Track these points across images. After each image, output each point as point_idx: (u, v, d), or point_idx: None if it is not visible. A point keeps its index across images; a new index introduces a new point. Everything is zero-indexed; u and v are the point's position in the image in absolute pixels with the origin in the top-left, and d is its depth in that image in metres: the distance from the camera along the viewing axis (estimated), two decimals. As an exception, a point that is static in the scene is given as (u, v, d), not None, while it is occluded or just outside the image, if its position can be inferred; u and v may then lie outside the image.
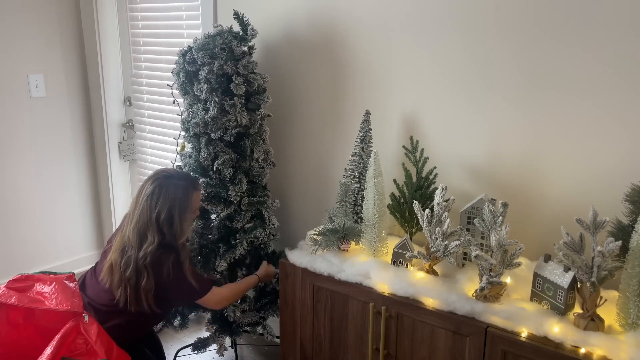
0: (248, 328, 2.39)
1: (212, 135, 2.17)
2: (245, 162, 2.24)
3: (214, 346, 2.37)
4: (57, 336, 1.71)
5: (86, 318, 1.78)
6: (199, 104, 2.19)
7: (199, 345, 2.36)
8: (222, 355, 2.42)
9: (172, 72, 2.28)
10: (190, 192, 1.98)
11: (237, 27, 2.25)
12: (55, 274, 1.97)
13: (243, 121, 2.16)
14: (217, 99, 2.13)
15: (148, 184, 1.94)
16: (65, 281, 1.92)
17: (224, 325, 2.33)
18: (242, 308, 2.28)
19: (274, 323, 2.47)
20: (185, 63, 2.18)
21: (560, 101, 1.77)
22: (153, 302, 1.90)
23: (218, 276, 2.28)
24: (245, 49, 2.22)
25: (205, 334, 2.41)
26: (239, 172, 2.22)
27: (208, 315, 2.38)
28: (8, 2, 2.95)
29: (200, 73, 2.13)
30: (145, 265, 1.87)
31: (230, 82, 2.12)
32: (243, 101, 2.17)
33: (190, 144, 2.28)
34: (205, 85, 2.12)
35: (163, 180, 1.94)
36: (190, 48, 2.17)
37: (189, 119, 2.24)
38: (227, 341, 2.45)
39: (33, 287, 1.90)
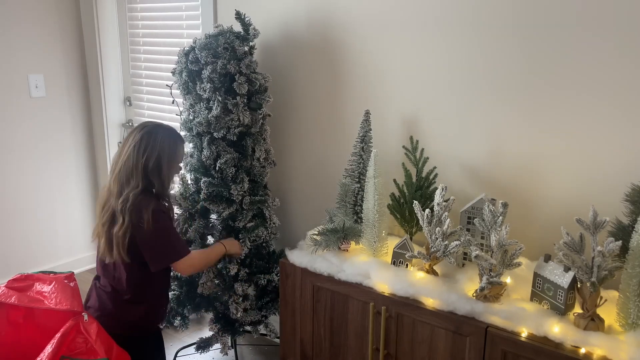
0: (250, 327, 2.39)
1: (215, 134, 2.17)
2: (247, 162, 2.24)
3: (214, 346, 2.38)
4: (57, 335, 1.71)
5: (86, 317, 1.78)
6: (201, 104, 2.20)
7: (202, 345, 2.36)
8: (226, 354, 2.42)
9: (172, 72, 2.28)
10: (179, 143, 1.97)
11: (237, 27, 2.25)
12: (55, 273, 1.97)
13: (245, 120, 2.17)
14: (220, 98, 2.14)
15: (135, 132, 1.90)
16: (65, 281, 1.92)
17: (226, 325, 2.34)
18: (244, 306, 2.29)
19: (275, 322, 2.47)
20: (188, 62, 2.18)
21: (561, 101, 1.77)
22: (125, 250, 1.83)
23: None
24: (247, 48, 2.22)
25: (204, 334, 2.42)
26: (240, 172, 2.22)
27: (210, 315, 2.38)
28: (8, 2, 2.95)
29: (203, 72, 2.14)
30: (122, 209, 1.81)
31: (233, 82, 2.13)
32: (245, 100, 2.18)
33: (191, 144, 2.28)
34: (209, 84, 2.13)
35: (152, 128, 1.91)
36: (192, 47, 2.17)
37: (191, 118, 2.24)
38: (229, 341, 2.45)
39: (33, 287, 1.89)
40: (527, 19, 1.78)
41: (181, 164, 2.04)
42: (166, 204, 1.95)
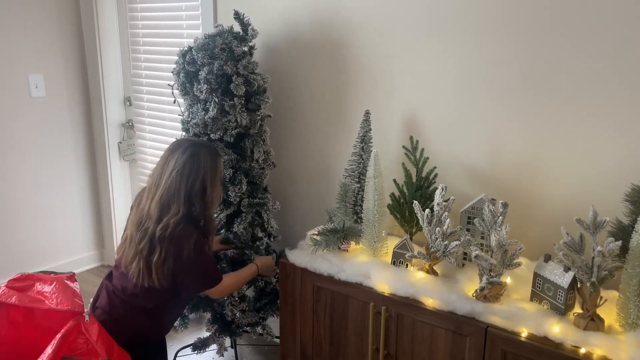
0: (248, 328, 2.39)
1: (212, 135, 2.16)
2: (245, 163, 2.23)
3: (214, 346, 2.38)
4: (58, 336, 1.71)
5: (87, 317, 1.78)
6: (198, 105, 2.19)
7: (199, 346, 2.36)
8: (222, 355, 2.42)
9: (172, 72, 2.27)
10: (219, 159, 1.90)
11: (237, 27, 2.24)
12: (55, 273, 1.97)
13: (243, 122, 2.16)
14: (217, 100, 2.12)
15: (177, 153, 1.81)
16: (66, 281, 1.92)
17: (224, 326, 2.33)
18: (241, 308, 2.28)
19: (273, 323, 2.47)
20: (185, 63, 2.17)
21: (561, 101, 1.77)
22: (163, 276, 1.78)
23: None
24: (246, 49, 2.21)
25: (205, 334, 2.41)
26: (239, 173, 2.21)
27: (208, 315, 2.38)
28: (8, 2, 2.95)
29: (200, 73, 2.13)
30: (162, 237, 1.75)
31: (230, 83, 2.12)
32: (243, 102, 2.17)
33: None
34: (205, 85, 2.12)
35: (194, 150, 1.82)
36: (190, 48, 2.16)
37: (189, 119, 2.24)
38: (227, 341, 2.45)
39: (33, 287, 1.89)
40: (527, 21, 1.78)
41: (222, 177, 1.97)
42: (203, 225, 1.87)
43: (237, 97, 2.14)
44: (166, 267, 1.78)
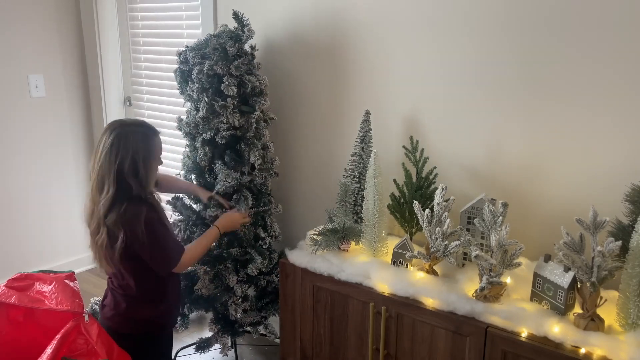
0: (250, 328, 2.39)
1: (203, 135, 2.16)
2: (244, 167, 2.20)
3: (215, 346, 2.38)
4: (58, 336, 1.71)
5: (86, 318, 1.78)
6: (192, 104, 2.19)
7: (202, 346, 2.36)
8: (226, 354, 2.42)
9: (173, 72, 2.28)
10: (151, 137, 1.86)
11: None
12: (55, 272, 1.96)
13: (236, 123, 2.13)
14: (207, 99, 2.11)
15: (105, 135, 1.81)
16: (65, 280, 1.92)
17: (226, 325, 2.34)
18: (243, 307, 2.28)
19: (275, 323, 2.47)
20: (179, 63, 2.18)
21: (560, 101, 1.77)
22: (111, 260, 1.80)
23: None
24: (247, 49, 2.20)
25: (205, 334, 2.41)
26: (243, 190, 2.19)
27: (210, 315, 2.38)
28: (8, 2, 2.95)
29: (192, 73, 2.13)
30: (99, 217, 1.77)
31: (222, 83, 2.10)
32: (236, 102, 2.14)
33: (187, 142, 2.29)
34: (197, 85, 2.11)
35: (120, 129, 1.81)
36: (186, 48, 2.17)
37: (181, 118, 2.26)
38: (229, 341, 2.45)
39: (33, 286, 1.89)
40: (527, 20, 1.78)
41: (160, 158, 1.93)
42: (150, 202, 1.85)
43: (230, 97, 2.11)
44: (120, 250, 1.78)
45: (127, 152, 1.78)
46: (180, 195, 2.31)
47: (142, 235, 1.77)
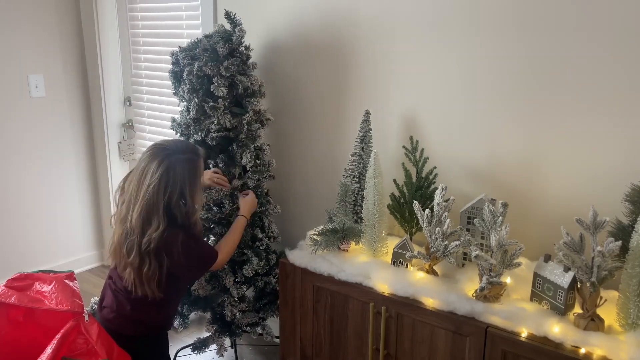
0: (247, 329, 2.39)
1: (195, 136, 2.15)
2: (235, 169, 2.20)
3: (214, 346, 2.37)
4: (58, 336, 1.70)
5: (86, 318, 1.78)
6: (183, 105, 2.20)
7: (199, 346, 2.35)
8: (222, 355, 2.42)
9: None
10: (197, 162, 1.85)
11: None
12: (54, 272, 1.96)
13: (227, 124, 2.13)
14: (197, 100, 2.11)
15: (152, 165, 1.76)
16: (65, 280, 1.91)
17: (223, 326, 2.33)
18: (240, 308, 2.28)
19: (273, 324, 2.47)
20: (172, 63, 2.19)
21: (560, 101, 1.77)
22: (156, 288, 1.80)
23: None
24: (242, 49, 2.19)
25: (205, 334, 2.41)
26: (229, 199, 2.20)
27: (208, 315, 2.38)
28: (8, 2, 2.95)
29: (183, 74, 2.13)
30: (148, 250, 1.76)
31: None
32: (227, 104, 2.13)
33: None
34: (187, 86, 2.11)
35: (167, 159, 1.77)
36: (178, 48, 2.17)
37: (174, 118, 2.27)
38: (227, 341, 2.45)
39: (33, 286, 1.89)
40: (526, 21, 1.78)
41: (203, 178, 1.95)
42: (190, 228, 1.86)
43: (221, 98, 2.10)
44: (158, 278, 1.80)
45: (176, 185, 1.76)
46: None
47: (177, 255, 1.79)
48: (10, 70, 3.01)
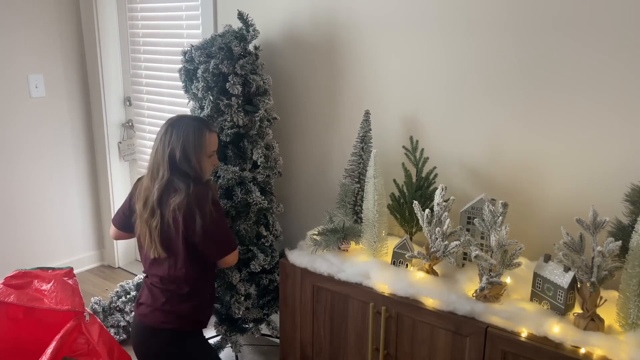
0: (252, 324, 2.40)
1: None
2: (246, 164, 2.22)
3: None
4: (58, 336, 1.70)
5: (87, 317, 1.78)
6: (196, 103, 2.20)
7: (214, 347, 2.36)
8: (240, 352, 2.42)
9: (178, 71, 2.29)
10: (204, 131, 1.91)
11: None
12: (53, 269, 1.96)
13: (240, 122, 2.15)
14: (212, 98, 2.13)
15: (162, 128, 1.91)
16: (64, 278, 1.91)
17: (231, 324, 2.35)
18: (246, 305, 2.29)
19: (277, 320, 2.47)
20: (185, 61, 2.19)
21: (560, 101, 1.77)
22: (183, 241, 1.83)
23: None
24: (251, 49, 2.22)
25: (207, 333, 2.41)
26: (250, 184, 2.21)
27: (214, 318, 2.39)
28: (8, 2, 2.95)
29: (197, 71, 2.14)
30: (159, 200, 1.82)
31: (227, 82, 2.12)
32: (240, 102, 2.16)
33: None
34: (202, 83, 2.13)
35: (175, 120, 1.91)
36: (192, 47, 2.18)
37: None
38: (232, 339, 2.45)
39: (32, 284, 1.88)
40: (526, 19, 1.78)
41: (215, 156, 1.98)
42: (210, 187, 1.92)
43: (235, 96, 2.14)
44: (182, 233, 1.81)
45: (179, 140, 1.85)
46: None
47: (210, 215, 1.82)
48: (10, 70, 3.01)
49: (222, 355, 2.55)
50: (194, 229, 1.81)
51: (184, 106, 2.33)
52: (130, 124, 3.40)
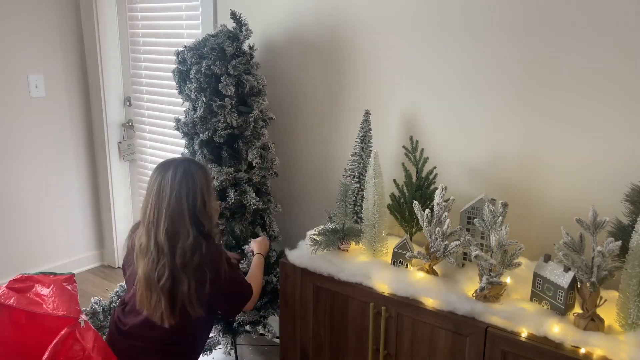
0: (249, 327, 2.39)
1: (201, 135, 2.16)
2: (241, 165, 2.21)
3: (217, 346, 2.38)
4: (53, 343, 1.69)
5: (82, 323, 1.76)
6: (189, 104, 2.20)
7: (206, 349, 2.35)
8: (229, 354, 2.42)
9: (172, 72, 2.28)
10: (206, 169, 1.81)
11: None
12: (55, 274, 1.95)
13: (234, 123, 2.14)
14: (204, 99, 2.11)
15: (168, 175, 1.69)
16: (63, 284, 1.90)
17: (226, 326, 2.34)
18: None
19: (274, 322, 2.47)
20: (178, 62, 2.19)
21: (561, 101, 1.77)
22: (199, 306, 1.70)
23: None
24: (246, 48, 2.21)
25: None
26: (244, 185, 2.19)
27: None
28: (8, 2, 2.95)
29: (190, 72, 2.13)
30: (184, 265, 1.66)
31: (220, 83, 2.10)
32: (234, 102, 2.15)
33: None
34: (195, 84, 2.12)
35: (181, 165, 1.71)
36: (184, 48, 2.17)
37: (179, 118, 2.26)
38: (230, 340, 2.45)
39: (33, 288, 1.88)
40: (527, 20, 1.78)
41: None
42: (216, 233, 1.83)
43: (228, 97, 2.12)
44: (197, 296, 1.71)
45: (197, 188, 1.70)
46: None
47: (225, 274, 1.73)
48: (10, 70, 3.01)
49: (216, 354, 2.55)
50: (209, 292, 1.72)
51: (182, 106, 2.33)
52: (130, 124, 3.40)
